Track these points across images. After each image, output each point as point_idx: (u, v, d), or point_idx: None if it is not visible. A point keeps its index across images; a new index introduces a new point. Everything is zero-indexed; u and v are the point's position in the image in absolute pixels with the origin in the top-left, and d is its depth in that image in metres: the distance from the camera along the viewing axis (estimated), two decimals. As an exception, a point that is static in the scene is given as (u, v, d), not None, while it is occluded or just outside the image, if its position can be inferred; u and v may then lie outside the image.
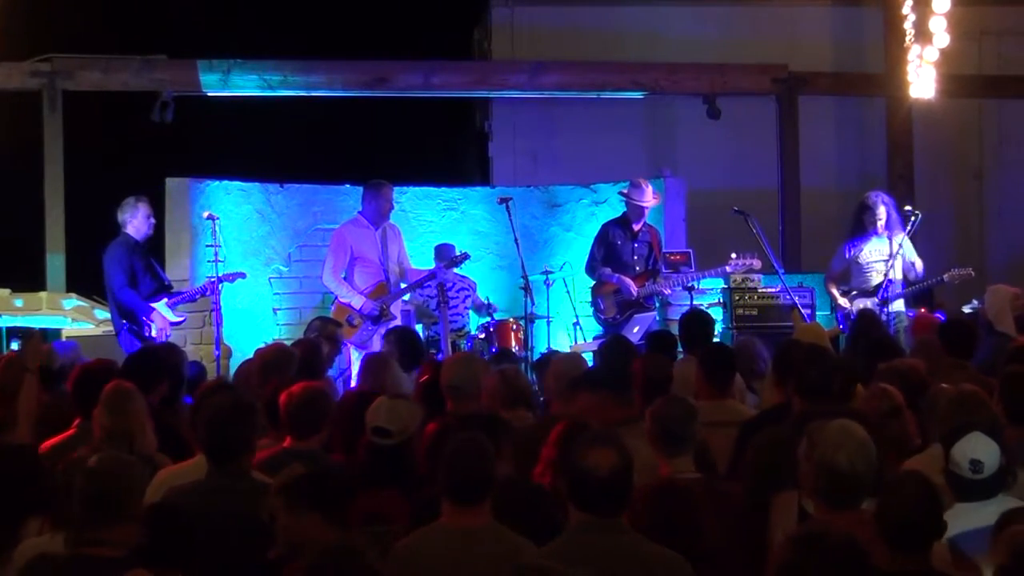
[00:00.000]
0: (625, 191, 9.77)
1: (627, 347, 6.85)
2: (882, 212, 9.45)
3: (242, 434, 4.38)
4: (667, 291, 9.68)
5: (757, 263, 9.44)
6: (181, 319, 8.96)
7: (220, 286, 8.95)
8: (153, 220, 8.90)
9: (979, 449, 3.97)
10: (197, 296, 9.06)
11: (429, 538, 3.91)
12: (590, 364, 6.72)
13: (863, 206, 9.57)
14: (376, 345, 8.62)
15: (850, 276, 9.63)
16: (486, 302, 10.17)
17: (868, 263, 9.49)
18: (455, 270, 9.94)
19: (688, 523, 3.95)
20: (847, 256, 9.61)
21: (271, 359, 6.27)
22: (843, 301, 9.45)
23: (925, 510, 3.54)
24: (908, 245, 9.44)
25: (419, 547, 3.89)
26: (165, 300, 8.70)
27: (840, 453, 3.78)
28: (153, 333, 8.59)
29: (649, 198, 9.65)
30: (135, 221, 8.69)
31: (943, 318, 8.71)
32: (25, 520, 3.96)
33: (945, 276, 9.38)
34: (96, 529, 3.65)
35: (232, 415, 4.40)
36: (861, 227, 9.56)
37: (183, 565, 3.71)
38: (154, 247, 9.28)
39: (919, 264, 9.47)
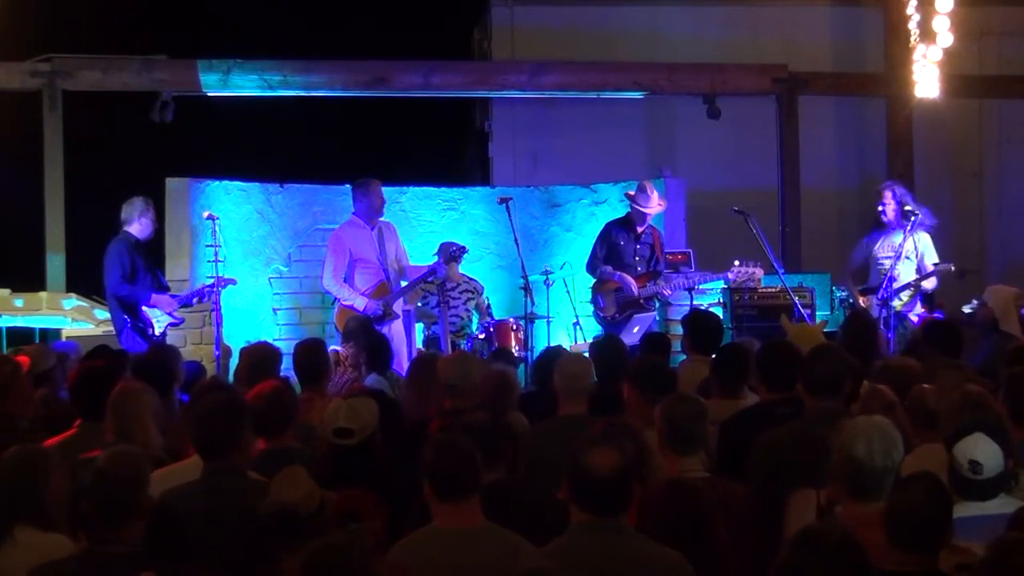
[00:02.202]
0: (631, 193, 9.75)
1: (620, 346, 6.87)
2: (888, 198, 9.38)
3: (231, 432, 4.38)
4: (668, 292, 9.66)
5: (759, 272, 9.40)
6: (180, 320, 8.97)
7: (217, 291, 8.96)
8: (156, 224, 8.95)
9: (979, 451, 3.96)
10: (193, 301, 9.06)
11: (425, 541, 3.90)
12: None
13: (876, 195, 9.53)
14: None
15: (868, 272, 9.58)
16: (487, 308, 10.16)
17: (878, 258, 9.43)
18: (460, 270, 9.95)
19: (699, 523, 3.95)
20: (865, 250, 9.53)
21: (257, 358, 6.26)
22: (863, 301, 9.37)
23: (934, 511, 3.54)
24: (926, 243, 9.32)
25: (416, 550, 3.88)
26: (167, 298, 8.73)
27: (859, 443, 3.84)
28: (157, 331, 8.58)
29: (654, 204, 9.62)
30: (143, 221, 8.72)
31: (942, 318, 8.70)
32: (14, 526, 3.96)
33: (926, 271, 9.26)
34: (108, 527, 3.68)
35: (221, 413, 4.42)
36: (876, 220, 9.52)
37: (183, 565, 3.72)
38: (154, 247, 9.29)
39: (929, 268, 9.33)
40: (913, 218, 9.23)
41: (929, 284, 9.24)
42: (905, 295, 9.16)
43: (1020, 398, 4.78)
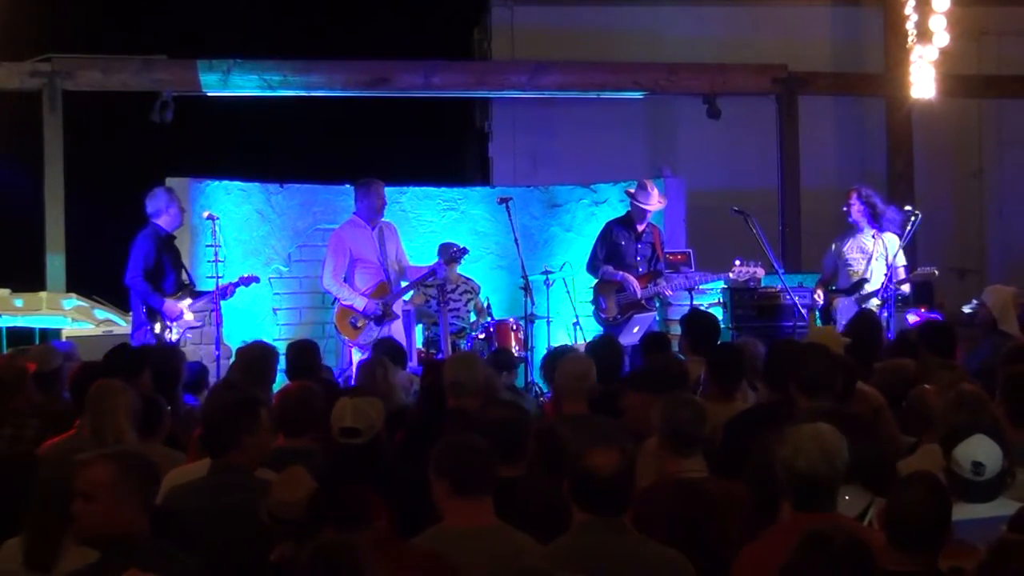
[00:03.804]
0: (631, 191, 9.74)
1: (617, 348, 6.88)
2: (853, 199, 9.38)
3: (231, 432, 4.40)
4: (669, 292, 9.64)
5: (761, 272, 9.39)
6: (199, 324, 8.88)
7: (235, 290, 8.94)
8: (184, 214, 8.91)
9: (981, 451, 3.96)
10: (217, 299, 8.98)
11: (438, 540, 3.90)
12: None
13: (845, 197, 9.55)
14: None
15: (838, 275, 9.58)
16: (486, 307, 10.15)
17: (847, 260, 9.42)
18: (459, 270, 9.95)
19: (705, 524, 3.96)
20: (834, 253, 9.53)
21: (251, 358, 6.26)
22: (817, 294, 9.35)
23: (933, 510, 3.53)
24: (894, 244, 9.28)
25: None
26: (189, 302, 8.67)
27: (800, 455, 3.78)
28: (173, 337, 8.51)
29: (655, 201, 9.59)
30: (171, 212, 8.66)
31: (941, 319, 8.68)
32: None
33: (910, 275, 9.21)
34: None
35: (223, 413, 4.45)
36: (846, 223, 9.54)
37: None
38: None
39: (900, 272, 9.25)
40: (913, 218, 9.21)
41: (904, 289, 9.22)
42: (875, 301, 9.10)
43: (1018, 398, 4.78)
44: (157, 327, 8.50)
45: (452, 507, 3.92)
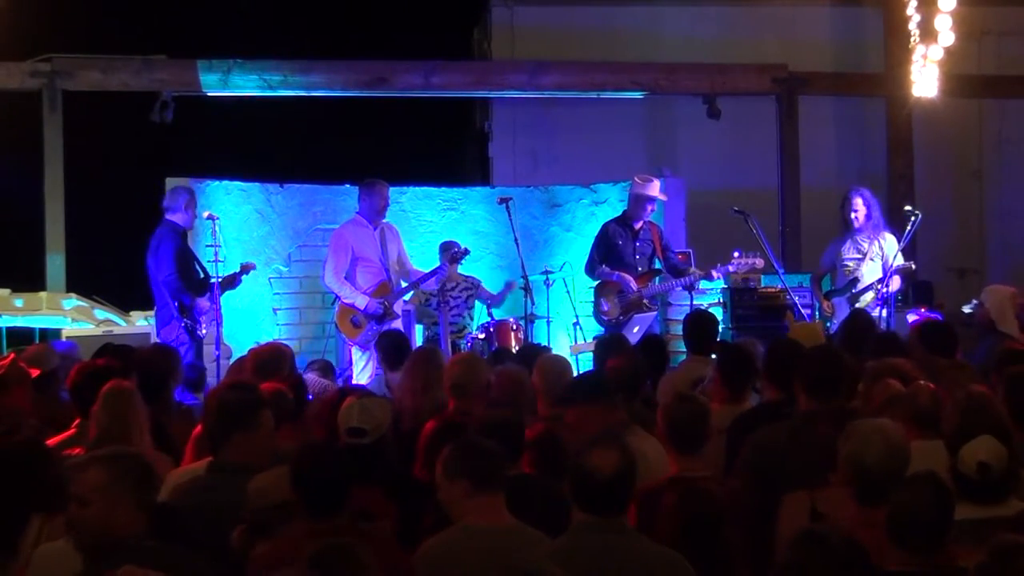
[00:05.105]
0: (630, 188, 9.73)
1: (625, 345, 6.85)
2: (858, 204, 9.37)
3: (224, 429, 4.41)
4: (671, 292, 9.59)
5: (760, 262, 9.39)
6: (215, 319, 8.90)
7: (241, 279, 8.97)
8: (195, 216, 9.00)
9: (987, 453, 3.95)
10: (225, 288, 9.00)
11: (460, 539, 3.90)
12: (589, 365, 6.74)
13: (843, 200, 9.56)
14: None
15: (835, 275, 9.59)
16: (504, 287, 10.15)
17: (844, 260, 9.42)
18: (458, 269, 9.96)
19: (713, 526, 3.96)
20: (831, 254, 9.54)
21: (266, 358, 6.26)
22: (826, 305, 9.38)
23: (937, 511, 3.53)
24: (892, 245, 9.28)
25: (448, 548, 3.89)
26: (207, 296, 8.72)
27: (867, 451, 3.81)
28: (203, 332, 8.56)
29: (655, 189, 9.55)
30: (189, 212, 8.71)
31: (941, 319, 8.68)
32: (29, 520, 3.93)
33: (891, 272, 9.23)
34: None
35: (219, 410, 4.47)
36: (844, 223, 9.54)
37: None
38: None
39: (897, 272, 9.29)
40: (913, 218, 9.20)
41: (893, 285, 9.22)
42: (868, 296, 9.12)
43: (1020, 398, 4.78)
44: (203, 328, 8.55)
45: (471, 506, 3.91)
